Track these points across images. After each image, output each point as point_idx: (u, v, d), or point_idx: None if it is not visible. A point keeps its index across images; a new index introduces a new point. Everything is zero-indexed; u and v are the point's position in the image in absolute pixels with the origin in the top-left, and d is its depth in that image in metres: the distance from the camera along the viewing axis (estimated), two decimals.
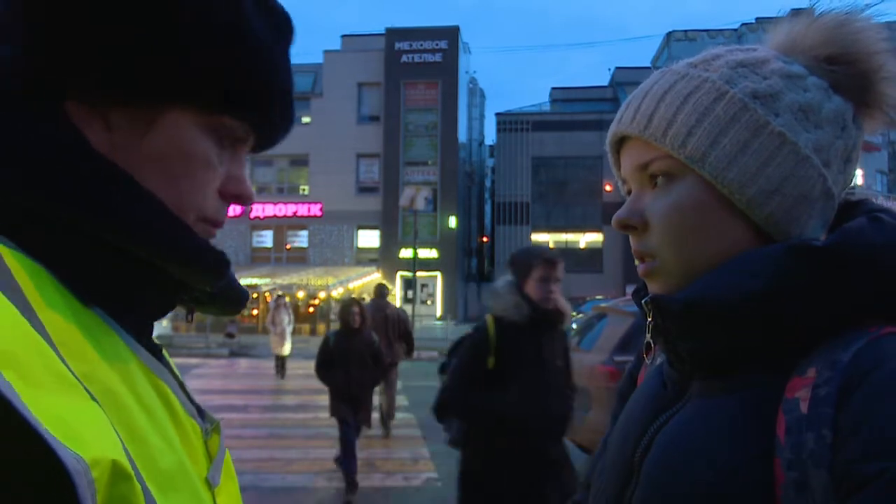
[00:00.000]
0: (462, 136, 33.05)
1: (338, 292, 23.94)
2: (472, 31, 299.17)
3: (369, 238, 31.46)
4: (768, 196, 0.67)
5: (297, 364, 13.98)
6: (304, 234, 31.60)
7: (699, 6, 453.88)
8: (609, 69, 40.98)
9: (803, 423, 0.59)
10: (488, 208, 40.46)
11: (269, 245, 31.45)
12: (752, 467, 0.61)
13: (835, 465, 0.56)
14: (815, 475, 0.57)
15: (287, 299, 15.14)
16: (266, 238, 31.52)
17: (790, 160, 0.68)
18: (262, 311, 21.14)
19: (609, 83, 39.26)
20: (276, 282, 23.35)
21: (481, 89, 41.85)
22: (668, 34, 36.29)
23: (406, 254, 26.82)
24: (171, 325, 19.79)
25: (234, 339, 19.73)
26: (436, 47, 31.61)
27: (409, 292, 25.28)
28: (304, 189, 31.91)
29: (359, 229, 31.46)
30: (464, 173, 34.37)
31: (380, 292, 7.75)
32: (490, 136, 46.11)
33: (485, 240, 39.40)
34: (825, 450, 0.57)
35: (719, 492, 0.63)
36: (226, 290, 0.65)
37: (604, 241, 31.99)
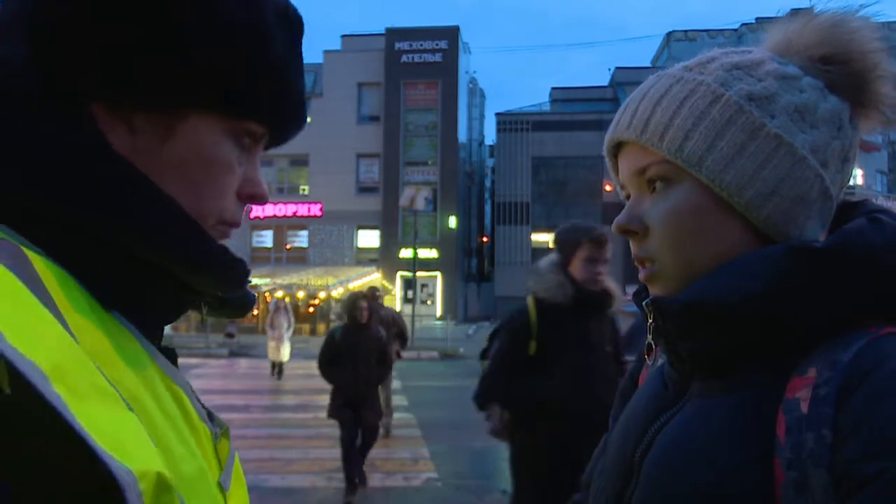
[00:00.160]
0: (462, 136, 33.05)
1: (338, 292, 23.93)
2: (472, 31, 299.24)
3: (369, 238, 31.46)
4: (766, 198, 0.67)
5: (296, 364, 13.96)
6: (304, 234, 31.59)
7: (699, 6, 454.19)
8: (609, 69, 41.04)
9: (803, 423, 0.59)
10: (488, 208, 40.47)
11: (269, 245, 31.44)
12: (753, 467, 0.61)
13: (835, 465, 0.56)
14: (815, 475, 0.57)
15: (287, 300, 14.99)
16: (266, 238, 31.52)
17: (787, 161, 0.68)
18: (262, 312, 21.11)
19: (609, 83, 39.26)
20: (275, 282, 23.33)
21: (481, 89, 41.86)
22: (668, 34, 36.31)
23: (406, 254, 26.82)
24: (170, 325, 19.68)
25: (234, 339, 19.73)
26: (436, 47, 31.61)
27: (409, 292, 25.28)
28: (304, 189, 31.91)
29: (359, 229, 31.45)
30: (464, 173, 34.37)
31: (372, 294, 7.94)
32: (490, 136, 46.22)
33: (485, 240, 39.41)
34: (825, 450, 0.57)
35: (719, 492, 0.63)
36: (236, 294, 0.65)
37: None
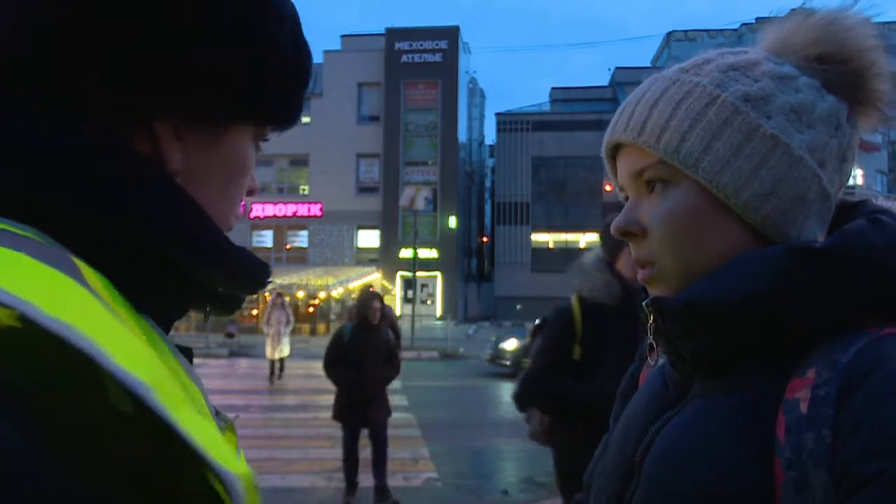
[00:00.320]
0: (462, 136, 33.07)
1: (338, 292, 23.95)
2: (472, 31, 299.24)
3: (369, 238, 31.48)
4: (764, 199, 0.67)
5: (297, 364, 13.97)
6: (304, 234, 31.62)
7: (699, 6, 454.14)
8: (609, 69, 41.11)
9: (803, 424, 0.59)
10: (488, 208, 40.51)
11: (269, 245, 31.46)
12: (753, 467, 0.61)
13: (835, 465, 0.56)
14: (815, 475, 0.57)
15: (287, 298, 14.92)
16: (266, 238, 31.54)
17: (784, 162, 0.68)
18: (262, 311, 21.12)
19: (609, 83, 39.30)
20: (276, 282, 23.32)
21: (481, 89, 41.89)
22: (668, 34, 36.34)
23: (406, 254, 26.84)
24: None
25: (234, 339, 19.73)
26: (436, 47, 31.63)
27: (409, 292, 25.29)
28: (304, 189, 31.93)
29: (359, 229, 31.48)
30: (464, 173, 34.38)
31: (367, 289, 8.36)
32: (490, 136, 46.19)
33: (485, 240, 39.44)
34: (825, 450, 0.57)
35: (719, 492, 0.63)
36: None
37: None
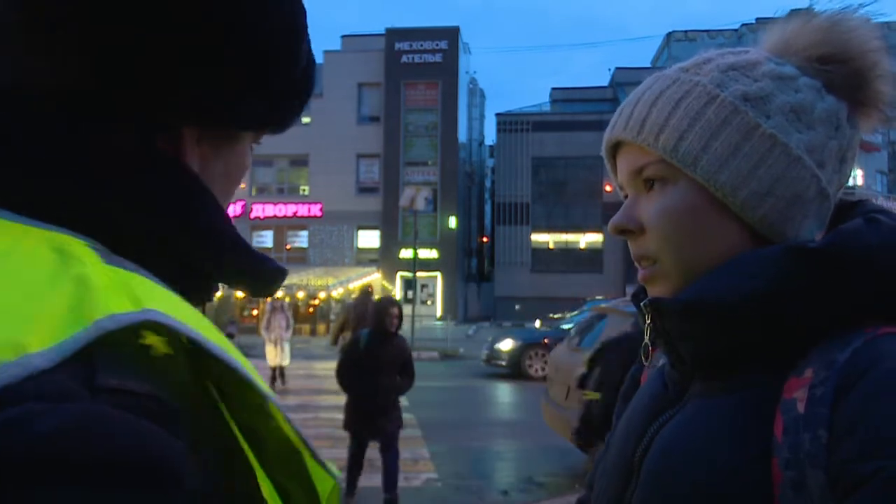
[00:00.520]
0: (462, 136, 33.07)
1: (338, 292, 23.92)
2: (473, 31, 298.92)
3: (369, 238, 31.47)
4: (761, 198, 0.68)
5: (297, 364, 13.96)
6: (304, 234, 31.62)
7: (699, 6, 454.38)
8: (609, 69, 41.07)
9: (800, 423, 0.59)
10: (488, 208, 40.49)
11: (269, 245, 31.43)
12: (752, 467, 0.62)
13: (831, 465, 0.56)
14: (812, 475, 0.57)
15: (287, 300, 14.75)
16: (266, 238, 31.52)
17: (782, 161, 0.68)
18: (262, 312, 21.12)
19: (609, 83, 39.29)
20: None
21: (481, 89, 41.87)
22: (669, 34, 36.34)
23: (406, 254, 26.83)
24: None
25: (234, 340, 19.72)
26: (436, 47, 31.63)
27: (409, 293, 25.27)
28: (304, 189, 31.93)
29: (359, 229, 31.47)
30: (464, 173, 34.38)
31: (365, 292, 9.56)
32: (490, 137, 46.07)
33: (485, 240, 39.42)
34: (821, 450, 0.57)
35: (718, 492, 0.63)
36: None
37: (604, 241, 31.97)
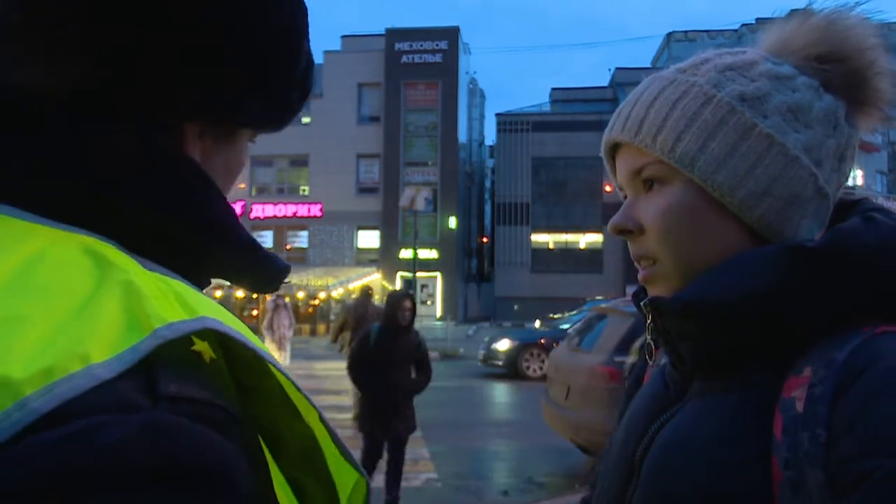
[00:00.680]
0: (462, 136, 33.06)
1: (338, 293, 23.92)
2: (473, 31, 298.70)
3: (369, 238, 31.46)
4: (759, 198, 0.68)
5: (297, 364, 13.94)
6: (304, 234, 31.62)
7: (699, 6, 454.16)
8: (609, 69, 41.07)
9: (799, 423, 0.59)
10: (488, 208, 40.46)
11: (270, 245, 31.35)
12: (752, 467, 0.62)
13: (829, 464, 0.56)
14: (811, 474, 0.57)
15: (286, 299, 14.72)
16: (266, 238, 31.49)
17: (779, 161, 0.68)
18: (262, 312, 21.05)
19: (609, 83, 39.29)
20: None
21: (481, 90, 41.85)
22: (669, 35, 36.33)
23: (406, 254, 26.83)
24: None
25: None
26: (436, 48, 31.61)
27: (409, 293, 25.25)
28: (304, 189, 31.92)
29: (359, 230, 31.46)
30: (464, 174, 34.37)
31: (364, 293, 9.60)
32: (490, 137, 46.11)
33: (485, 240, 39.40)
34: (820, 449, 0.57)
35: (719, 491, 0.63)
36: None
37: (604, 241, 31.96)
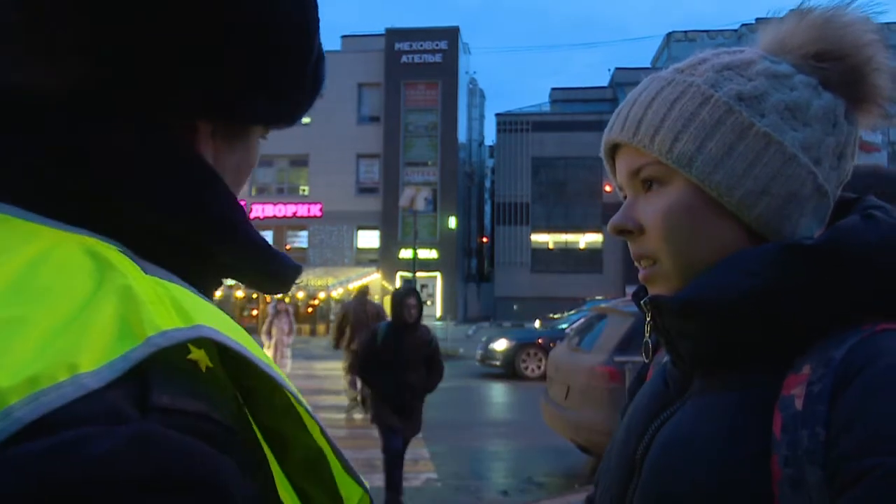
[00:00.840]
0: (462, 136, 33.05)
1: (337, 293, 23.92)
2: (473, 31, 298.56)
3: (369, 238, 31.45)
4: (757, 197, 0.68)
5: (297, 364, 13.92)
6: (304, 234, 31.59)
7: (699, 6, 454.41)
8: (609, 69, 41.12)
9: (798, 421, 0.59)
10: (488, 208, 40.47)
11: None
12: (751, 465, 0.62)
13: (828, 462, 0.57)
14: (811, 472, 0.57)
15: (286, 300, 14.43)
16: (266, 238, 31.49)
17: (777, 160, 0.68)
18: (262, 312, 21.06)
19: (609, 83, 39.30)
20: None
21: (481, 90, 41.85)
22: (668, 35, 36.33)
23: (406, 254, 26.82)
24: None
25: None
26: (436, 48, 31.61)
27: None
28: (304, 189, 31.90)
29: (359, 230, 31.45)
30: (464, 174, 34.37)
31: (361, 292, 10.07)
32: (490, 137, 46.15)
33: (484, 240, 39.39)
34: (819, 447, 0.57)
35: (718, 490, 0.63)
36: None
37: (604, 241, 31.96)
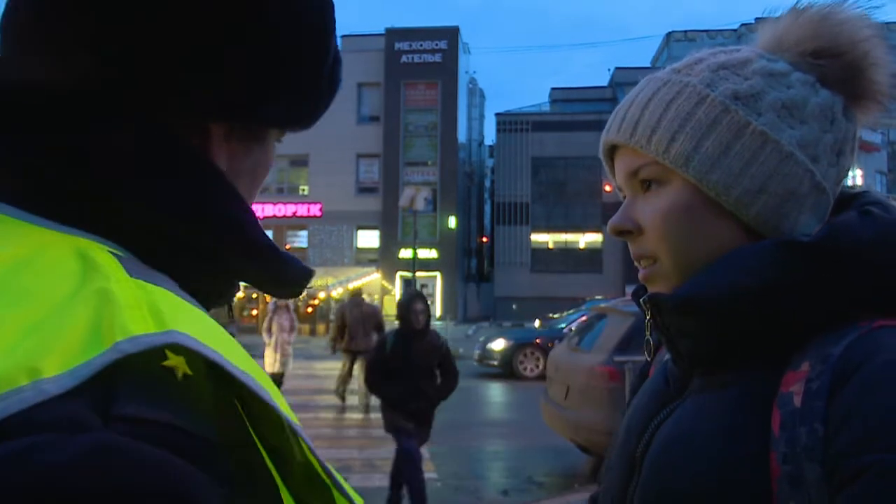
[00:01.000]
0: (462, 136, 33.06)
1: (337, 292, 23.93)
2: (473, 31, 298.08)
3: (369, 238, 31.45)
4: (754, 195, 0.68)
5: (297, 364, 13.89)
6: (304, 234, 31.59)
7: (699, 6, 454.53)
8: (609, 69, 41.14)
9: (796, 418, 0.60)
10: (488, 208, 40.47)
11: None
12: (750, 462, 0.62)
13: (827, 459, 0.57)
14: (809, 469, 0.58)
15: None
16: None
17: (774, 158, 0.68)
18: (262, 312, 21.09)
19: (609, 83, 39.31)
20: None
21: (481, 89, 41.85)
22: (668, 34, 36.33)
23: (406, 254, 26.80)
24: None
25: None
26: (436, 48, 31.62)
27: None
28: (304, 189, 31.90)
29: (358, 229, 31.45)
30: (463, 173, 34.37)
31: (355, 294, 10.38)
32: (490, 137, 46.02)
33: (484, 240, 39.39)
34: (817, 443, 0.58)
35: (718, 487, 0.63)
36: None
37: (603, 241, 31.96)
